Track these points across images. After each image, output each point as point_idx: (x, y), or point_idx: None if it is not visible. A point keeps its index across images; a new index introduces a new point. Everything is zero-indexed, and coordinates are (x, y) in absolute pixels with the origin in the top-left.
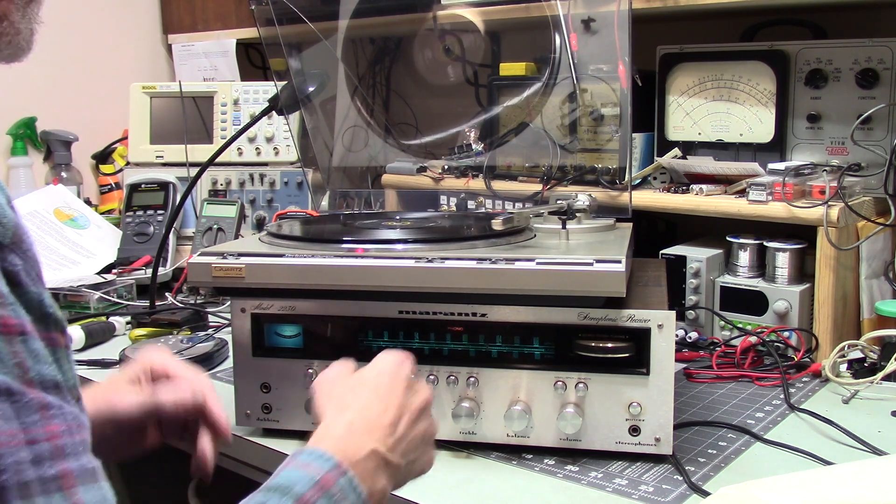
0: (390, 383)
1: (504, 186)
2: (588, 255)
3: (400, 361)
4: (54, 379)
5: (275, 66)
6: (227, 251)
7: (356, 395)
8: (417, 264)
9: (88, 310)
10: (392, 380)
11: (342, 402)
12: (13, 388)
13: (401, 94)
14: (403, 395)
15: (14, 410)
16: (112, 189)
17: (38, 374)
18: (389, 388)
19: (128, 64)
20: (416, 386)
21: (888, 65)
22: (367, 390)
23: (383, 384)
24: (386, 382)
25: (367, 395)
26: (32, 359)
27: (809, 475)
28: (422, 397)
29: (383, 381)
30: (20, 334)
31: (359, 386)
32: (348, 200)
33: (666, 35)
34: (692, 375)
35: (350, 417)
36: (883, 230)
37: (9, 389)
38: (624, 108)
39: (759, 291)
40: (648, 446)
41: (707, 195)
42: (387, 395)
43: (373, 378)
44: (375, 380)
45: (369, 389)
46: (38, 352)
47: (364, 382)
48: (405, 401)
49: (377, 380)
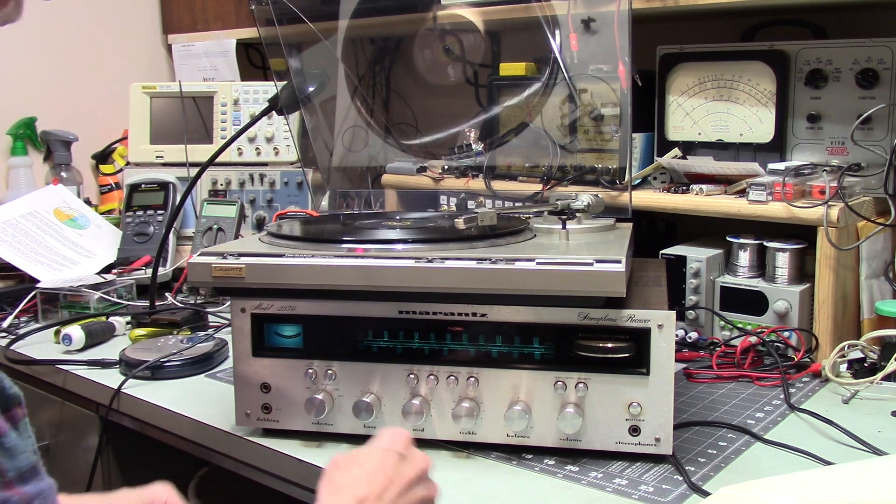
0: (380, 457)
1: (504, 186)
2: (588, 255)
3: (392, 435)
4: (29, 463)
5: (275, 66)
6: (227, 251)
7: (347, 474)
8: (417, 264)
9: (88, 310)
10: (382, 454)
11: (336, 484)
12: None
13: (401, 94)
14: (393, 466)
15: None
16: (112, 189)
17: (15, 470)
18: (379, 462)
19: (128, 64)
20: (411, 457)
21: (888, 65)
22: (356, 467)
23: (372, 459)
24: (375, 457)
25: (356, 472)
26: (7, 458)
27: (809, 475)
28: (416, 467)
29: (372, 456)
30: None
31: (352, 464)
32: (348, 200)
33: (666, 35)
34: (692, 375)
35: (343, 495)
36: (883, 230)
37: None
38: (624, 108)
39: (759, 291)
40: (648, 446)
41: (707, 195)
42: (376, 470)
43: (363, 456)
44: (365, 457)
45: (358, 465)
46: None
47: (356, 461)
48: (394, 473)
49: (366, 457)
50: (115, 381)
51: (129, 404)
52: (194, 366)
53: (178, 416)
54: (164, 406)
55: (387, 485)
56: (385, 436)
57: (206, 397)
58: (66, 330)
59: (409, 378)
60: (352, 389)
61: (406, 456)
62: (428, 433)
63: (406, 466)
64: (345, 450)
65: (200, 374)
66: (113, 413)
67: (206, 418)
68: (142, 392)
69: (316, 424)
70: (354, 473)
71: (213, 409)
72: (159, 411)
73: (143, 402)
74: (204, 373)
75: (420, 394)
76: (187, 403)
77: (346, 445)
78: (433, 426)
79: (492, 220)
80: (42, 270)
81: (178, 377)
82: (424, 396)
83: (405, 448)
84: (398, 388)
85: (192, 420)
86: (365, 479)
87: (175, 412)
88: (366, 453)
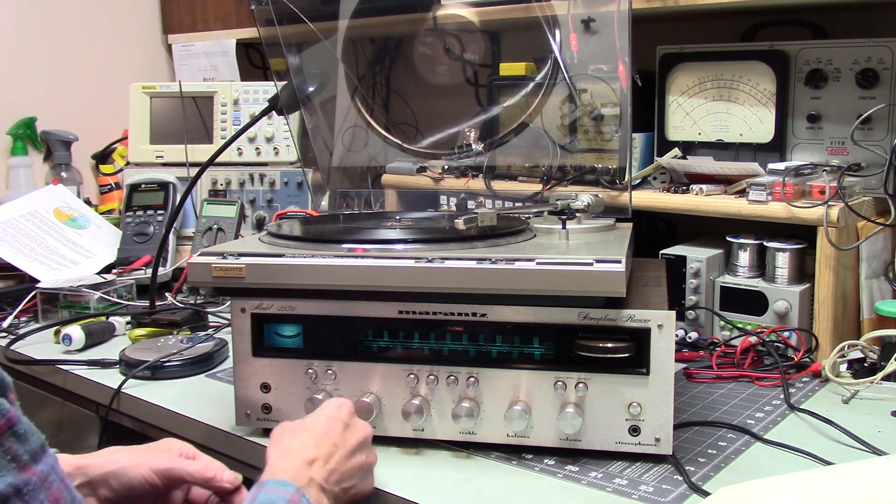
0: (325, 425)
1: (504, 186)
2: (588, 255)
3: (337, 406)
4: (39, 442)
5: (275, 66)
6: (227, 251)
7: (296, 439)
8: (417, 264)
9: (88, 310)
10: (327, 422)
11: (284, 447)
12: (18, 485)
13: (401, 94)
14: (339, 434)
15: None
16: (112, 189)
17: (29, 453)
18: (324, 429)
19: (128, 64)
20: (354, 425)
21: (888, 65)
22: (304, 433)
23: (318, 425)
24: (321, 424)
25: (304, 437)
26: (20, 442)
27: (809, 475)
28: (358, 434)
29: (318, 424)
30: (8, 429)
31: (300, 430)
32: (348, 200)
33: (666, 35)
34: (692, 375)
35: (292, 457)
36: (883, 230)
37: (16, 488)
38: (624, 108)
39: (759, 291)
40: (648, 446)
41: (707, 195)
42: (321, 436)
43: (310, 423)
44: (312, 423)
45: (306, 431)
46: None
47: (303, 427)
48: (339, 439)
49: (313, 423)
50: (115, 381)
51: (129, 404)
52: (194, 366)
53: (178, 416)
54: (164, 406)
55: (333, 450)
56: (330, 405)
57: (206, 397)
58: (66, 330)
59: (409, 378)
60: (352, 389)
61: (350, 425)
62: (428, 433)
63: (350, 434)
64: None
65: (200, 374)
66: (113, 413)
67: (206, 418)
68: (142, 392)
69: None
70: (302, 438)
71: (213, 409)
72: (159, 411)
73: (143, 402)
74: (204, 373)
75: (420, 394)
76: (187, 403)
77: None
78: (433, 426)
79: (492, 220)
80: (42, 270)
81: (178, 377)
82: (424, 396)
83: (348, 417)
84: (398, 388)
85: (192, 420)
86: (312, 443)
87: (175, 412)
88: (312, 420)
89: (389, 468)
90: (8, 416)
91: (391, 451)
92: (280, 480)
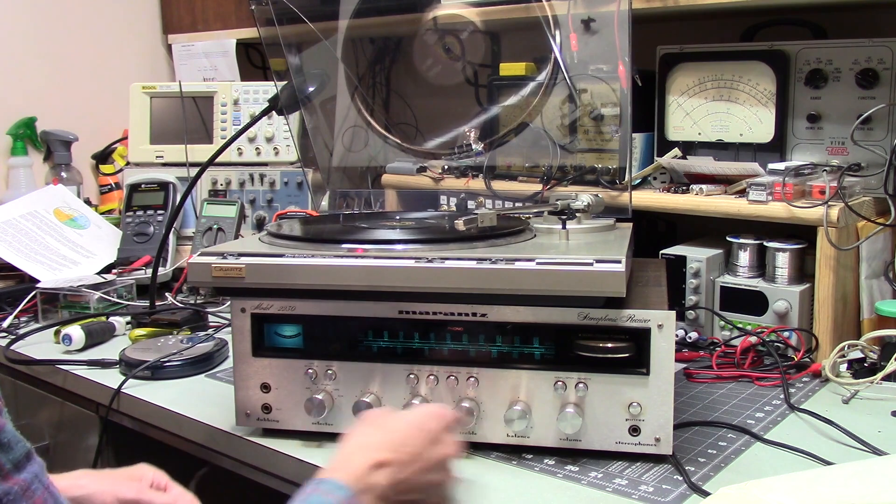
0: (408, 433)
1: (504, 186)
2: (588, 255)
3: (431, 415)
4: (24, 450)
5: (275, 66)
6: (227, 251)
7: (372, 435)
8: (417, 264)
9: (88, 310)
10: (412, 430)
11: (357, 442)
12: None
13: (401, 94)
14: (421, 445)
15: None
16: (112, 189)
17: (11, 463)
18: (406, 436)
19: (128, 64)
20: (442, 440)
21: (888, 65)
22: (383, 433)
23: (401, 432)
24: (404, 431)
25: (380, 437)
26: (3, 452)
27: (809, 475)
28: (440, 452)
29: (402, 429)
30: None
31: (380, 428)
32: (348, 200)
33: (666, 35)
34: (692, 375)
35: (359, 457)
36: (883, 230)
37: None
38: (624, 108)
39: (759, 291)
40: (648, 446)
41: (707, 195)
42: (401, 443)
43: (394, 424)
44: (395, 425)
45: (385, 432)
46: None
47: (387, 427)
48: (421, 450)
49: (397, 425)
50: (115, 381)
51: (129, 404)
52: (194, 366)
53: (178, 416)
54: (164, 406)
55: (410, 459)
56: (423, 410)
57: (206, 397)
58: (66, 330)
59: (409, 378)
60: (352, 389)
61: (439, 439)
62: None
63: (434, 448)
64: None
65: (200, 374)
66: (113, 413)
67: (206, 418)
68: (142, 392)
69: (316, 424)
70: (378, 438)
71: (213, 409)
72: (159, 411)
73: (143, 402)
74: (204, 373)
75: (420, 394)
76: (187, 403)
77: None
78: None
79: (492, 221)
80: (42, 270)
81: (178, 377)
82: (424, 396)
83: (440, 431)
84: (398, 388)
85: (192, 420)
86: (388, 446)
87: (175, 412)
88: (397, 422)
89: None
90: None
91: None
92: (337, 483)
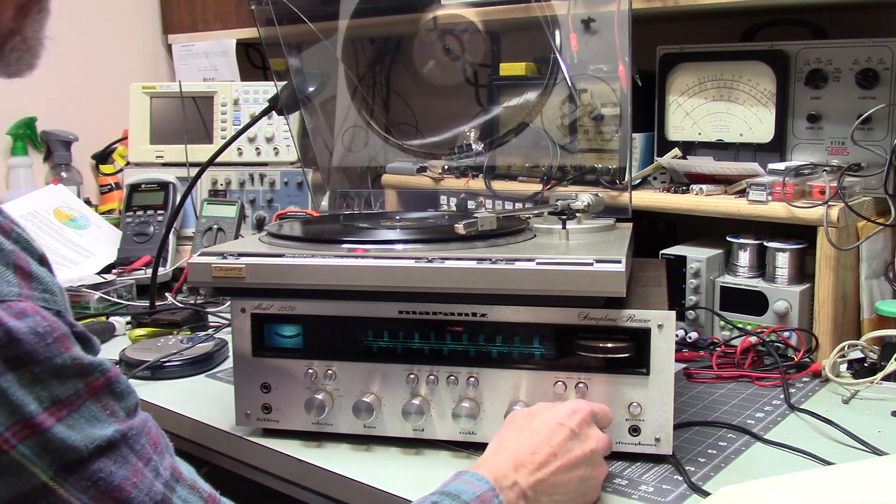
0: (550, 429)
1: (504, 186)
2: (588, 255)
3: (571, 411)
4: (132, 394)
5: (275, 66)
6: (227, 251)
7: (517, 435)
8: (417, 264)
9: (88, 310)
10: (553, 427)
11: (503, 442)
12: (123, 431)
13: (401, 94)
14: (561, 442)
15: (129, 448)
16: (112, 189)
17: (125, 407)
18: (548, 433)
19: (128, 64)
20: (584, 435)
21: (888, 65)
22: (527, 432)
23: (543, 429)
24: (547, 428)
25: (524, 437)
26: (116, 399)
27: (809, 475)
28: (586, 446)
29: (544, 426)
30: (106, 386)
31: (524, 428)
32: (348, 200)
33: (666, 35)
34: (692, 375)
35: (504, 456)
36: (883, 230)
37: (123, 435)
38: (624, 108)
39: (759, 291)
40: (648, 446)
41: (707, 195)
42: (542, 442)
43: (538, 423)
44: (539, 425)
45: (529, 432)
46: (118, 387)
47: (529, 425)
48: (561, 448)
49: (541, 425)
50: None
51: None
52: (194, 366)
53: (178, 416)
54: (164, 406)
55: (548, 458)
56: (564, 409)
57: (206, 397)
58: None
59: (409, 378)
60: (352, 389)
61: (579, 434)
62: (428, 433)
63: (575, 444)
64: (345, 450)
65: (200, 374)
66: None
67: (206, 418)
68: (142, 392)
69: (316, 424)
70: (523, 439)
71: (213, 409)
72: (159, 411)
73: (142, 402)
74: (204, 373)
75: (420, 394)
76: (187, 403)
77: (346, 445)
78: (433, 426)
79: (491, 224)
80: None
81: (178, 377)
82: (424, 396)
83: (580, 426)
84: (398, 388)
85: (192, 420)
86: (530, 447)
87: (175, 412)
88: (541, 421)
89: (390, 468)
90: (107, 375)
91: (391, 451)
92: (479, 475)
